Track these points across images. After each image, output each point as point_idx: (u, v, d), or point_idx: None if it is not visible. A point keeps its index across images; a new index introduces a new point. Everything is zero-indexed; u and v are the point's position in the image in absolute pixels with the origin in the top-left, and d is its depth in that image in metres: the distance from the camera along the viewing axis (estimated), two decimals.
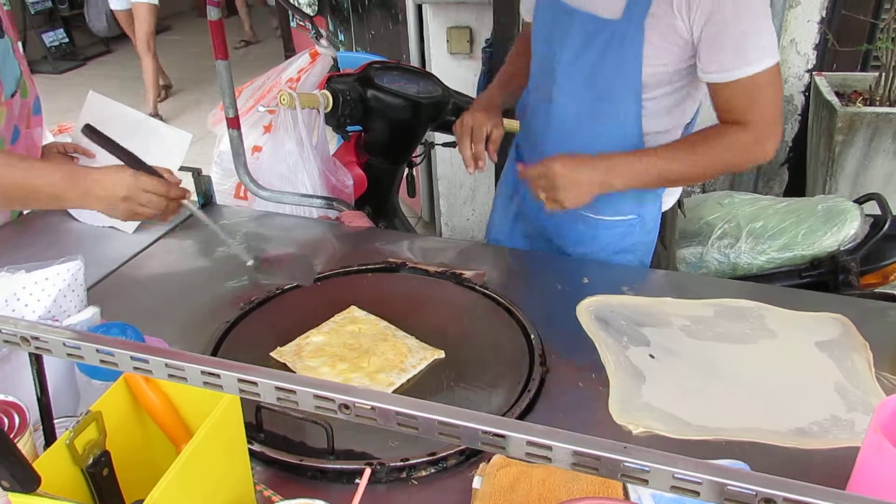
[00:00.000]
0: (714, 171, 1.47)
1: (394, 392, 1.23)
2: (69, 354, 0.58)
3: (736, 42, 1.36)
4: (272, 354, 1.31)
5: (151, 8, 5.80)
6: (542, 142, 1.65)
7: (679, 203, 1.71)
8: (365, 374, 1.25)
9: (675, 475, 0.46)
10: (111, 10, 6.19)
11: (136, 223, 1.73)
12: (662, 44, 1.40)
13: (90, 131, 1.36)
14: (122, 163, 1.36)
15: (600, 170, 1.43)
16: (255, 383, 0.54)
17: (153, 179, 1.31)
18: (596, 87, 1.50)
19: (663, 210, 1.65)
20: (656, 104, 1.50)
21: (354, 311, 1.42)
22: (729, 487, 0.45)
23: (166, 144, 1.76)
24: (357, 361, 1.27)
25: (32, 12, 7.30)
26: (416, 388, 1.24)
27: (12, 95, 1.44)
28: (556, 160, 1.44)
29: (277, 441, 1.11)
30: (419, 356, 1.30)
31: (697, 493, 0.45)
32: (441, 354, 1.31)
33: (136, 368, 0.57)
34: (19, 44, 1.55)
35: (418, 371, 1.27)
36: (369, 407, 0.51)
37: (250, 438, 1.07)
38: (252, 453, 1.05)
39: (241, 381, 0.54)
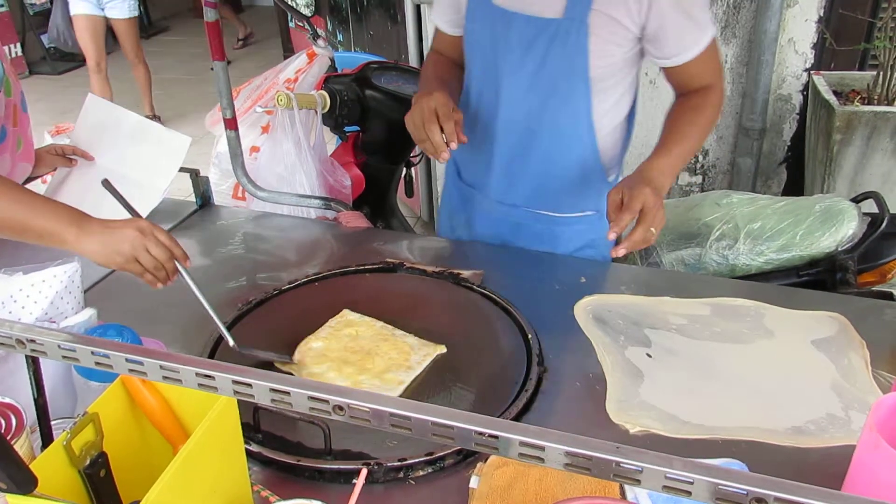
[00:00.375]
0: (709, 133, 1.54)
1: (405, 389, 1.23)
2: (65, 357, 0.59)
3: (692, 19, 1.42)
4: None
5: (131, 21, 5.50)
6: (489, 149, 1.63)
7: None
8: (372, 375, 1.25)
9: (668, 475, 0.46)
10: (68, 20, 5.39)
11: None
12: (608, 37, 1.43)
13: (109, 185, 1.33)
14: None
15: (658, 176, 1.39)
16: (249, 385, 0.54)
17: (166, 233, 1.27)
18: (544, 87, 1.50)
19: None
20: (606, 96, 1.52)
21: (348, 315, 1.42)
22: (721, 487, 0.45)
23: (166, 148, 1.77)
24: (362, 363, 1.27)
25: (31, 13, 7.29)
26: (414, 387, 1.24)
27: None
28: (643, 186, 1.33)
29: (275, 441, 1.11)
30: (422, 353, 1.30)
31: (689, 493, 0.45)
32: (443, 349, 1.32)
33: (131, 371, 0.57)
34: (7, 47, 1.54)
35: (424, 367, 1.28)
36: (363, 408, 0.51)
37: (248, 439, 1.07)
38: (249, 453, 1.06)
39: (235, 382, 0.54)
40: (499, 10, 1.48)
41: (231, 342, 1.25)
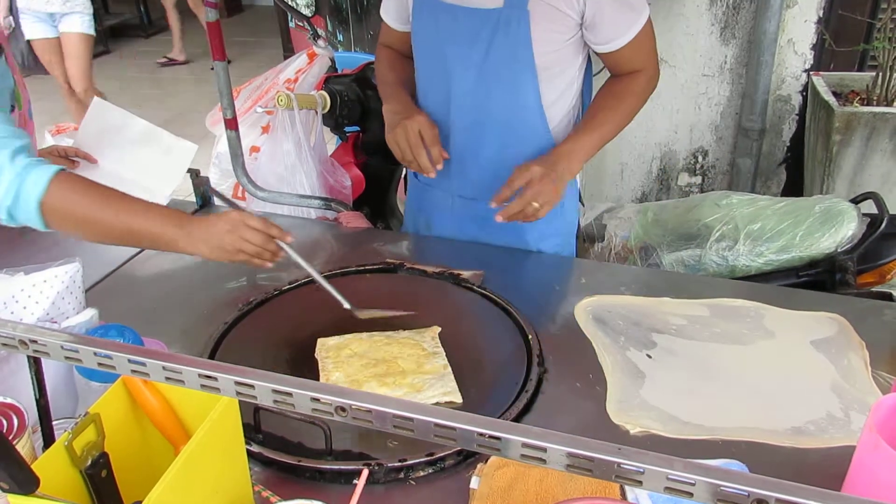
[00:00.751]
0: (630, 119, 1.58)
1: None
2: (67, 357, 0.59)
3: (622, 7, 1.47)
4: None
5: (86, 38, 4.68)
6: (444, 144, 1.63)
7: None
8: (416, 374, 1.25)
9: (669, 476, 0.46)
10: (28, 42, 4.56)
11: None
12: (549, 24, 1.47)
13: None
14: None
15: (562, 159, 1.48)
16: (251, 386, 0.54)
17: (256, 217, 1.31)
18: (490, 78, 1.53)
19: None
20: (554, 84, 1.56)
21: (326, 343, 1.37)
22: (722, 488, 0.46)
23: (171, 154, 1.77)
24: (394, 371, 1.26)
25: None
26: None
27: (11, 110, 1.44)
28: (532, 164, 1.45)
29: (276, 442, 1.11)
30: (426, 336, 1.35)
31: (691, 494, 0.46)
32: (437, 329, 1.36)
33: (133, 371, 0.57)
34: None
35: (439, 346, 1.32)
36: (365, 409, 0.52)
37: (249, 439, 1.07)
38: (250, 454, 1.06)
39: (237, 383, 0.54)
40: (442, 4, 1.52)
41: (346, 305, 1.35)
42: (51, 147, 1.74)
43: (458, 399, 1.20)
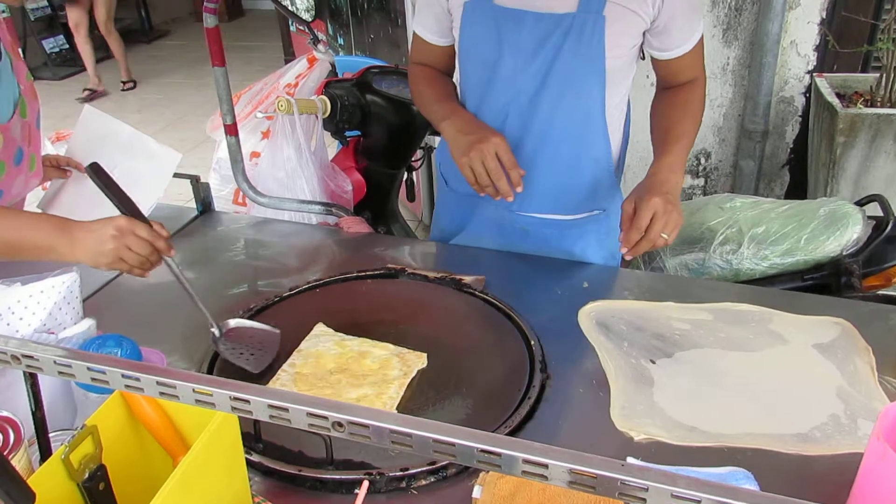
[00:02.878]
0: (699, 126, 1.56)
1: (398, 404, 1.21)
2: (61, 373, 0.58)
3: (691, 13, 1.47)
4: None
5: None
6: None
7: None
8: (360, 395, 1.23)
9: (674, 493, 0.45)
10: None
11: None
12: (623, 28, 1.43)
13: (95, 171, 1.30)
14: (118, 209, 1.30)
15: (669, 176, 1.42)
16: (247, 401, 0.53)
17: (144, 226, 1.27)
18: (557, 86, 1.48)
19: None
20: (617, 90, 1.53)
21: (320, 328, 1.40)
22: None
23: (157, 162, 1.76)
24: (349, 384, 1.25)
25: (32, 19, 7.30)
26: (415, 395, 1.23)
27: (9, 119, 1.43)
28: (650, 196, 1.36)
29: (276, 451, 1.11)
30: (403, 368, 1.29)
31: None
32: (423, 363, 1.30)
33: (127, 386, 0.56)
34: (21, 53, 1.53)
35: (410, 379, 1.26)
36: (363, 425, 0.51)
37: (248, 449, 1.07)
38: (250, 464, 1.05)
39: (233, 398, 0.53)
40: (504, 10, 1.45)
41: (216, 332, 1.32)
42: (44, 156, 1.73)
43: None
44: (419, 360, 1.29)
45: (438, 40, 1.63)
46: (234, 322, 1.36)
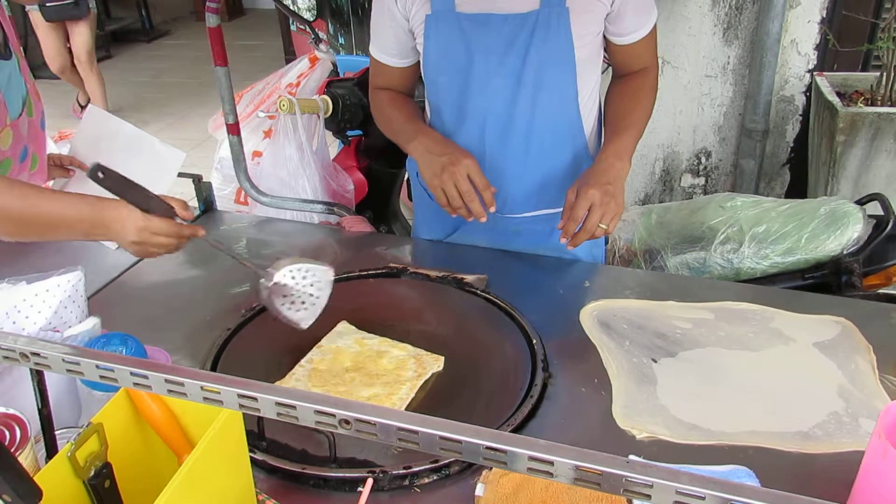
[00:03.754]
0: (649, 118, 1.59)
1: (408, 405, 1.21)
2: (69, 371, 0.58)
3: (644, 2, 1.50)
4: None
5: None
6: (481, 164, 1.56)
7: None
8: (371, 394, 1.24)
9: (679, 490, 0.45)
10: None
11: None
12: (586, 17, 1.46)
13: (100, 171, 1.21)
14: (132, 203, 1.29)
15: (614, 163, 1.45)
16: (255, 398, 0.53)
17: (164, 222, 1.27)
18: (532, 82, 1.49)
19: None
20: (587, 80, 1.55)
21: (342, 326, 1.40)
22: (733, 502, 0.45)
23: (160, 162, 1.76)
24: (363, 382, 1.26)
25: None
26: (419, 394, 1.24)
27: (18, 116, 1.44)
28: (588, 187, 1.40)
29: (280, 449, 1.11)
30: (419, 369, 1.29)
31: None
32: (439, 366, 1.30)
33: (135, 384, 0.56)
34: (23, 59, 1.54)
35: (424, 380, 1.26)
36: (370, 422, 0.51)
37: (252, 447, 1.07)
38: (254, 462, 1.05)
39: (240, 396, 0.54)
40: (467, 16, 1.46)
41: (265, 282, 1.27)
42: (48, 155, 1.73)
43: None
44: (435, 363, 1.29)
45: (398, 62, 1.62)
46: (281, 269, 1.26)
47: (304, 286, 1.27)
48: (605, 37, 1.55)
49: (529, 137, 1.56)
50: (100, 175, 1.17)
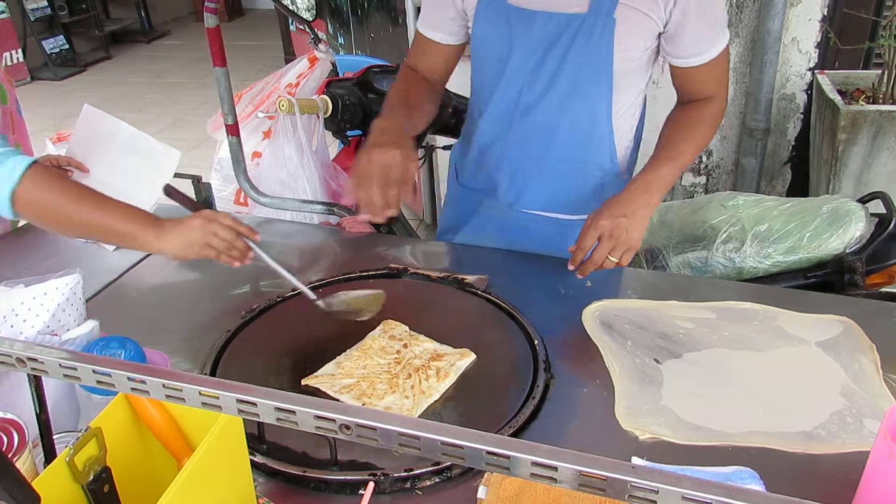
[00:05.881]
0: (702, 149, 1.57)
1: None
2: (66, 375, 0.58)
3: (711, 22, 1.43)
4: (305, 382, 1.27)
5: None
6: (500, 154, 1.61)
7: None
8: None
9: (685, 496, 0.45)
10: None
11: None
12: (633, 31, 1.42)
13: (170, 191, 1.43)
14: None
15: (640, 195, 1.41)
16: (254, 404, 0.53)
17: (227, 215, 1.35)
18: (565, 86, 1.48)
19: None
20: (625, 95, 1.52)
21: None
22: None
23: (157, 161, 1.76)
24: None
25: (32, 19, 7.30)
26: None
27: None
28: (599, 219, 1.38)
29: (280, 452, 1.10)
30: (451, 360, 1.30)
31: None
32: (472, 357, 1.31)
33: (133, 389, 0.56)
34: (8, 53, 1.55)
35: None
36: (370, 427, 0.50)
37: (252, 450, 1.06)
38: (254, 465, 1.05)
39: (240, 401, 0.53)
40: (517, 9, 1.45)
41: (313, 296, 1.37)
42: (44, 157, 1.73)
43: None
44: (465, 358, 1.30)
45: (445, 38, 1.61)
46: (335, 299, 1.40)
47: (356, 303, 1.39)
48: (662, 57, 1.52)
49: (553, 139, 1.55)
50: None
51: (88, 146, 1.78)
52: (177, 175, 1.78)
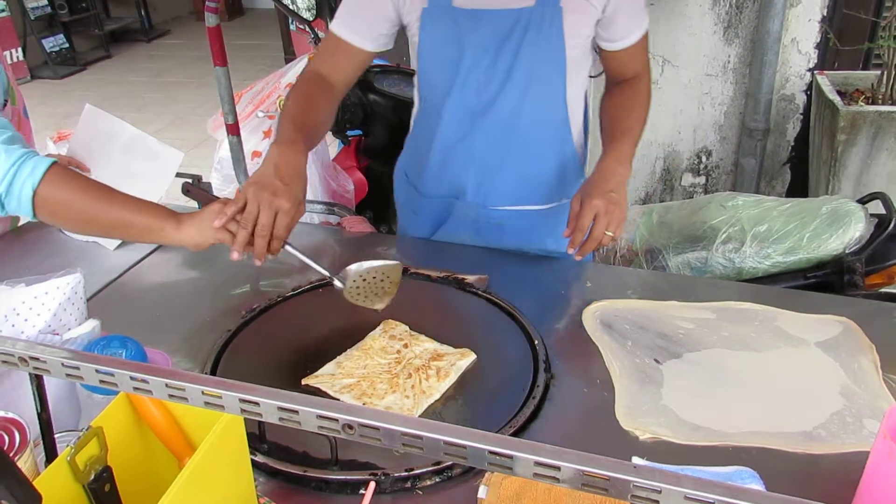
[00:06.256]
0: (645, 123, 1.59)
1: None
2: (68, 375, 0.58)
3: (639, 6, 1.52)
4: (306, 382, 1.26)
5: None
6: (465, 157, 1.62)
7: None
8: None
9: (687, 495, 0.45)
10: None
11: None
12: (579, 19, 1.47)
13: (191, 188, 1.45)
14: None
15: (615, 168, 1.46)
16: (257, 403, 0.53)
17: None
18: (521, 79, 1.51)
19: None
20: (576, 78, 1.57)
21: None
22: None
23: (159, 162, 1.76)
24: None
25: (32, 18, 7.30)
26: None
27: (3, 106, 1.44)
28: (591, 198, 1.40)
29: (281, 452, 1.10)
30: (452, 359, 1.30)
31: None
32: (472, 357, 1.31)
33: (135, 389, 0.56)
34: (8, 52, 1.56)
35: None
36: (373, 427, 0.50)
37: (253, 449, 1.06)
38: (255, 464, 1.05)
39: (242, 401, 0.53)
40: (463, 11, 1.47)
41: (339, 284, 1.31)
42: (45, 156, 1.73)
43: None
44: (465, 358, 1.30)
45: (363, 43, 1.55)
46: (353, 268, 1.32)
47: (374, 282, 1.35)
48: (597, 43, 1.57)
49: (516, 132, 1.58)
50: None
51: (90, 146, 1.78)
52: (177, 175, 1.78)
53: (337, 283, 1.31)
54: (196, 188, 1.46)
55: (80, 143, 1.80)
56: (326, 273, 1.30)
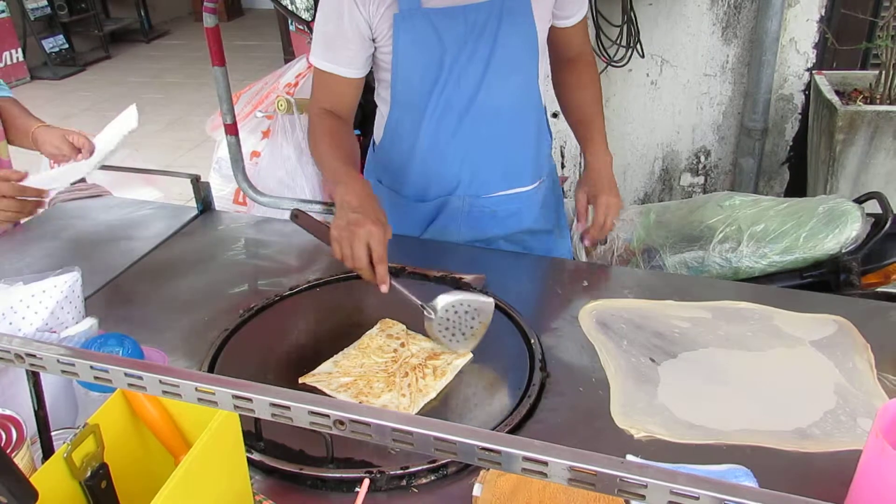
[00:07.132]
0: (602, 105, 1.74)
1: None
2: (64, 371, 0.58)
3: None
4: (303, 380, 1.27)
5: None
6: (453, 153, 1.63)
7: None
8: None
9: (673, 490, 0.45)
10: None
11: None
12: (545, 3, 1.55)
13: (300, 214, 1.45)
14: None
15: (605, 159, 1.65)
16: (249, 399, 0.53)
17: (6, 185, 1.36)
18: (501, 67, 1.55)
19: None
20: (543, 60, 1.64)
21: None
22: (727, 502, 0.45)
23: (122, 119, 1.77)
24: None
25: (32, 18, 7.31)
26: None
27: None
28: (601, 196, 1.62)
29: (277, 450, 1.11)
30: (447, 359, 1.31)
31: None
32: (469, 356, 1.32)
33: (130, 385, 0.56)
34: (8, 52, 1.56)
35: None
36: (364, 423, 0.51)
37: (249, 447, 1.07)
38: (251, 462, 1.05)
39: (235, 397, 0.54)
40: (436, 10, 1.48)
41: (430, 314, 1.31)
42: (64, 131, 1.76)
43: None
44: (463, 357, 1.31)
45: (350, 72, 1.56)
46: (442, 301, 1.30)
47: (465, 318, 1.31)
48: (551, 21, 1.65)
49: (499, 120, 1.61)
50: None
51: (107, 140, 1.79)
52: (175, 174, 1.79)
53: (427, 312, 1.30)
54: (304, 214, 1.43)
55: (103, 136, 1.81)
56: (417, 301, 1.31)
